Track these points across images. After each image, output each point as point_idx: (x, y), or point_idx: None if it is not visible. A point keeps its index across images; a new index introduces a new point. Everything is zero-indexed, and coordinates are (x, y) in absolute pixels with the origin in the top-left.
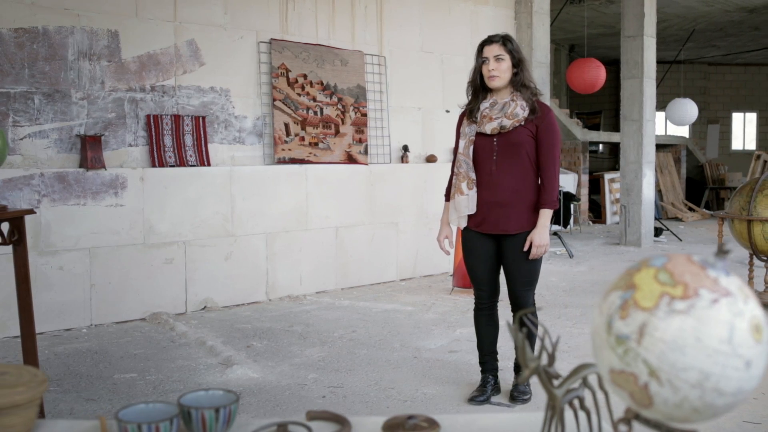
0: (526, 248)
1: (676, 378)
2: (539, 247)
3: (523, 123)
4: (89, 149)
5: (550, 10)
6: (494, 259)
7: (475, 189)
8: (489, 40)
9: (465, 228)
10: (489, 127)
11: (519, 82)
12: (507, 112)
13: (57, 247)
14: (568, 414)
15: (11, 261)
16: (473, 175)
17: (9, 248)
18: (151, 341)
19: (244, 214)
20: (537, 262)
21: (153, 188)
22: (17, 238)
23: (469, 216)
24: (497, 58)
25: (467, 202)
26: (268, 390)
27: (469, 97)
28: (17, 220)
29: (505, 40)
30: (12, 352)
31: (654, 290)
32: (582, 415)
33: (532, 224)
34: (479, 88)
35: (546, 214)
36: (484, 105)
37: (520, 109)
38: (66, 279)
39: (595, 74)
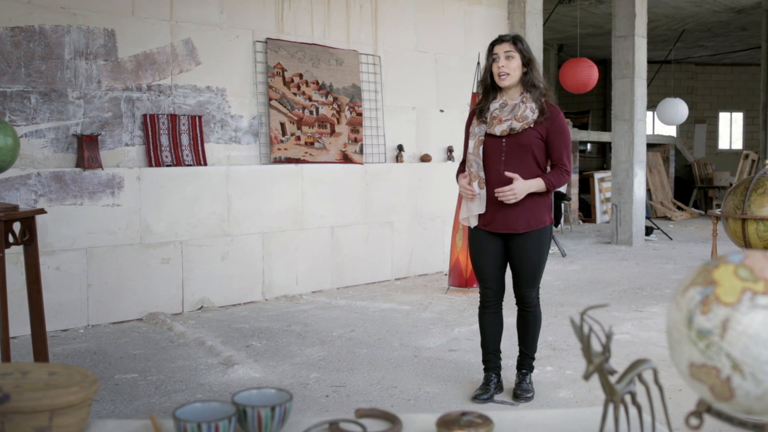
0: (502, 191)
1: (759, 371)
2: (513, 193)
3: (532, 125)
4: (86, 149)
5: (543, 10)
6: (502, 258)
7: (485, 188)
8: (500, 39)
9: (474, 227)
10: (498, 129)
11: (529, 81)
12: (517, 114)
13: (54, 248)
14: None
15: (7, 262)
16: (483, 175)
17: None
18: (149, 341)
19: (241, 214)
20: (543, 262)
21: (150, 188)
22: (28, 238)
23: (479, 215)
24: (507, 56)
25: (478, 201)
26: None
27: (479, 96)
28: (28, 220)
29: (515, 40)
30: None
31: (735, 286)
32: (631, 409)
33: (540, 223)
34: (489, 87)
35: (539, 181)
36: (494, 106)
37: (529, 112)
38: (63, 279)
39: (588, 74)
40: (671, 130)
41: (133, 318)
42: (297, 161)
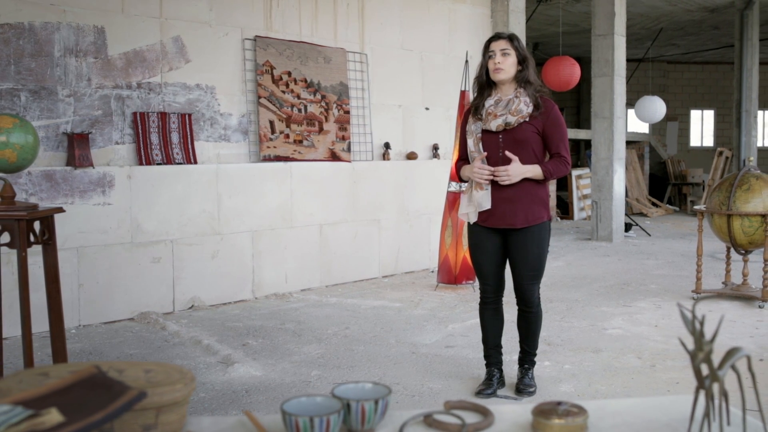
0: (497, 170)
1: None
2: (508, 175)
3: (527, 119)
4: (77, 147)
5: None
6: (500, 254)
7: (490, 184)
8: (496, 36)
9: (473, 223)
10: (494, 124)
11: (524, 78)
12: (511, 108)
13: None
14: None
15: (6, 263)
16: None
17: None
18: (144, 341)
19: (230, 212)
20: (543, 257)
21: (140, 186)
22: (47, 237)
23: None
24: (503, 53)
25: (486, 196)
26: (274, 388)
27: (474, 94)
28: (47, 219)
29: (511, 37)
30: (6, 355)
31: None
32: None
33: (538, 219)
34: (485, 84)
35: (536, 167)
36: (489, 102)
37: (523, 105)
38: None
39: (570, 72)
40: (645, 128)
41: (124, 318)
42: (286, 159)
